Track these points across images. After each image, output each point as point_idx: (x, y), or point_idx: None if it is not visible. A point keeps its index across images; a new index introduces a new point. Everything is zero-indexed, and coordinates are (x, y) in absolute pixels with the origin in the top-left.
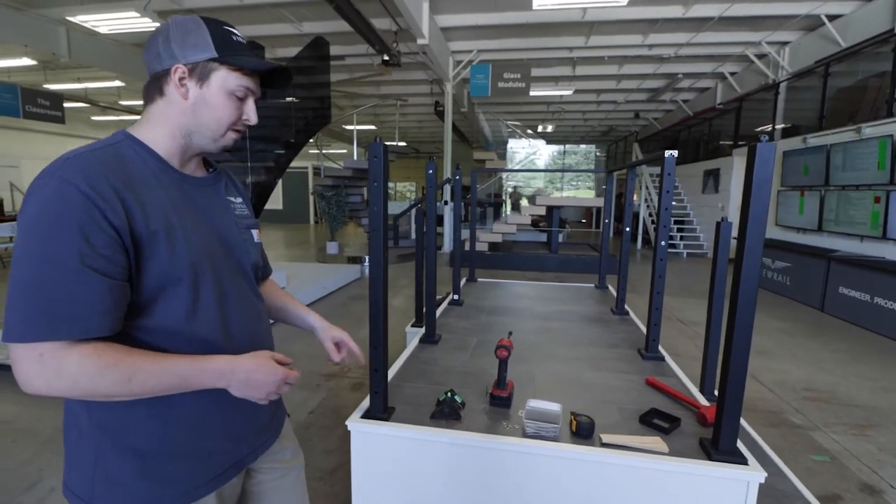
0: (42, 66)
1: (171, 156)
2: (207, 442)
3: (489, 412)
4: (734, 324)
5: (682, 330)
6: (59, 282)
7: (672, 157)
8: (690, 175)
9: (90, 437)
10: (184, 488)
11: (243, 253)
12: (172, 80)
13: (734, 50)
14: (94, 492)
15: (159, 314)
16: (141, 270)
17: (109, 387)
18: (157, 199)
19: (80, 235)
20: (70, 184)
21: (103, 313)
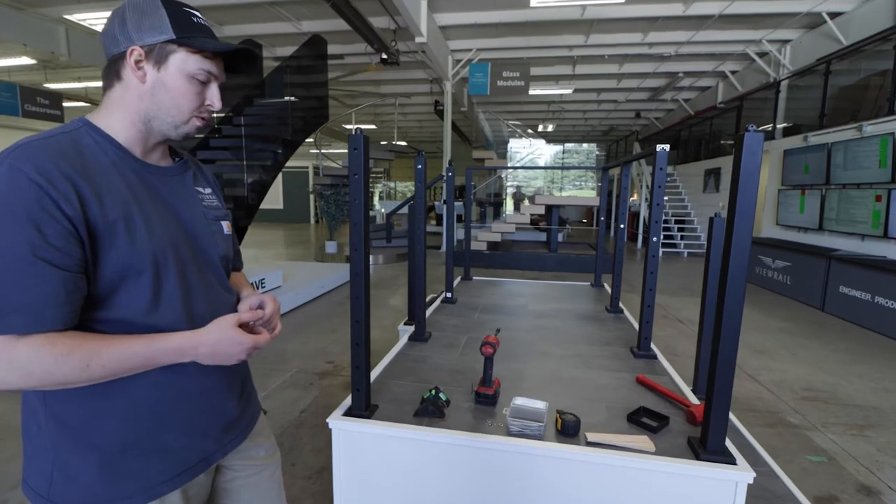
0: (42, 66)
1: (131, 144)
2: (170, 437)
3: (474, 410)
4: (721, 320)
5: (681, 329)
6: (8, 274)
7: (664, 152)
8: (692, 174)
9: (48, 432)
10: (145, 484)
11: (211, 245)
12: (129, 63)
13: (735, 48)
14: (51, 488)
15: (119, 306)
16: (98, 261)
17: (66, 374)
18: (116, 188)
19: (31, 225)
20: (20, 171)
21: (56, 306)
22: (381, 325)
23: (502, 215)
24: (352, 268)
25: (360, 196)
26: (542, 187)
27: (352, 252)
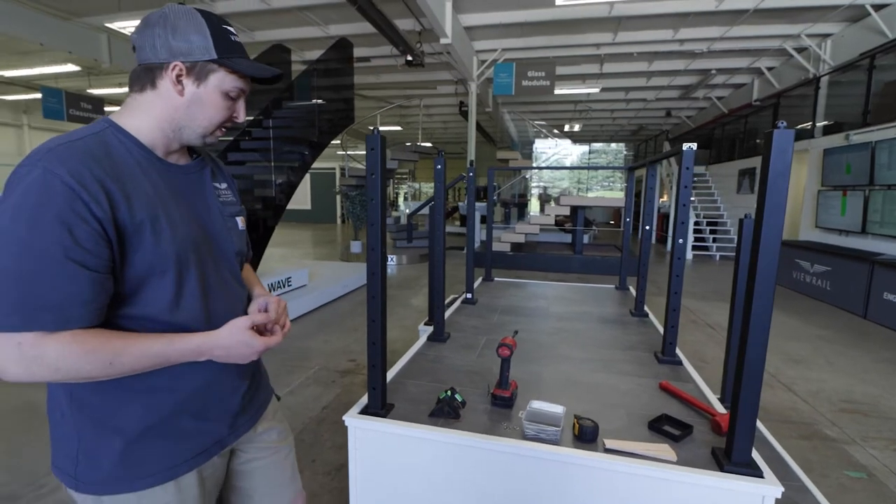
0: (86, 72)
1: (155, 145)
2: (186, 422)
3: (490, 412)
4: (749, 324)
5: (711, 335)
6: (41, 274)
7: (690, 151)
8: (725, 175)
9: (72, 419)
10: (164, 465)
11: (227, 242)
12: (168, 76)
13: (771, 44)
14: (78, 469)
15: (142, 304)
16: (125, 261)
17: (91, 371)
18: (143, 190)
19: (64, 228)
20: (54, 175)
21: (83, 305)
22: (403, 324)
23: (526, 216)
24: (368, 267)
25: (377, 195)
26: (568, 188)
27: (368, 251)
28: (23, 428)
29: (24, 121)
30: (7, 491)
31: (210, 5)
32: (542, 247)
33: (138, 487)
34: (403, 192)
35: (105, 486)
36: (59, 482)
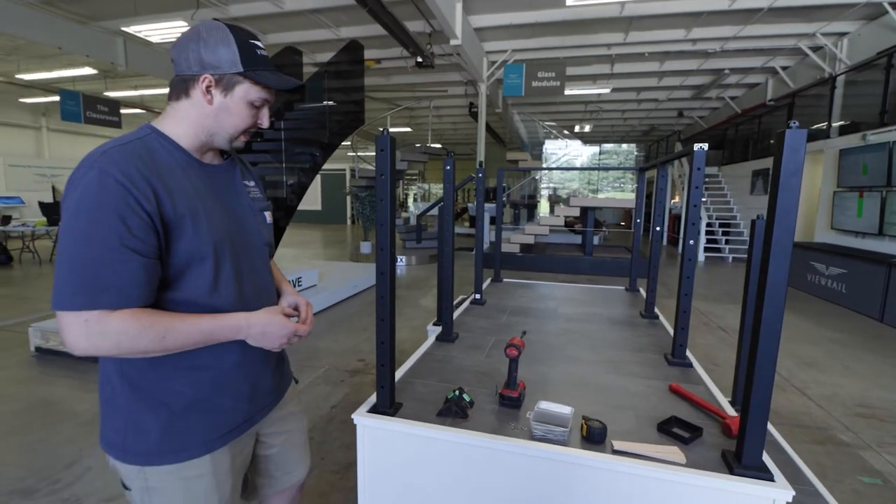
0: (103, 75)
1: (192, 148)
2: (223, 399)
3: (498, 412)
4: (760, 325)
5: (723, 338)
6: (101, 260)
7: (702, 151)
8: (738, 175)
9: (122, 394)
10: (201, 439)
11: (257, 234)
12: (199, 87)
13: (786, 43)
14: (125, 441)
15: (184, 288)
16: (170, 249)
17: (147, 345)
18: (183, 187)
19: (119, 220)
20: (108, 174)
21: (138, 286)
22: (412, 325)
23: (536, 217)
24: (378, 267)
25: (386, 196)
26: (578, 189)
27: (378, 251)
28: (38, 425)
29: (43, 123)
30: (23, 486)
31: (223, 9)
32: (552, 248)
33: (178, 459)
34: (413, 193)
35: (149, 458)
36: (76, 477)
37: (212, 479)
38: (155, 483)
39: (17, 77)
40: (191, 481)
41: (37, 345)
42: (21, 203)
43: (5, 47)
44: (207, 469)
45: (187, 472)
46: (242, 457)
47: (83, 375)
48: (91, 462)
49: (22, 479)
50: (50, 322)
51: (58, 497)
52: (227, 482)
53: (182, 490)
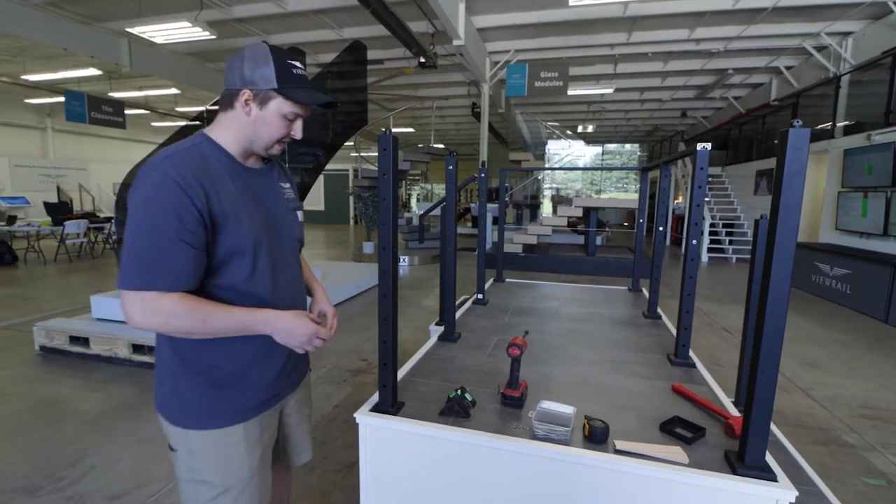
0: (107, 76)
1: (237, 154)
2: (256, 374)
3: (500, 412)
4: (763, 324)
5: (727, 339)
6: (160, 249)
7: (704, 151)
8: (742, 175)
9: (171, 365)
10: (236, 408)
11: (290, 231)
12: (240, 100)
13: (790, 42)
14: (173, 406)
15: (226, 276)
16: (215, 242)
17: (190, 326)
18: (228, 189)
19: (175, 215)
20: (168, 176)
21: (189, 273)
22: (415, 325)
23: (539, 217)
24: (380, 266)
25: (388, 195)
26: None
27: (380, 251)
28: (42, 424)
29: (48, 123)
30: (27, 483)
31: (227, 10)
32: (555, 248)
33: (216, 426)
34: (416, 193)
35: (193, 422)
36: (80, 475)
37: (244, 446)
38: (196, 446)
39: (22, 78)
40: (226, 447)
41: (41, 344)
42: (26, 203)
43: (11, 48)
44: (240, 437)
45: (223, 438)
46: (270, 430)
47: (87, 375)
48: (95, 461)
49: (26, 478)
50: (55, 321)
51: (62, 495)
52: (257, 451)
53: (218, 455)
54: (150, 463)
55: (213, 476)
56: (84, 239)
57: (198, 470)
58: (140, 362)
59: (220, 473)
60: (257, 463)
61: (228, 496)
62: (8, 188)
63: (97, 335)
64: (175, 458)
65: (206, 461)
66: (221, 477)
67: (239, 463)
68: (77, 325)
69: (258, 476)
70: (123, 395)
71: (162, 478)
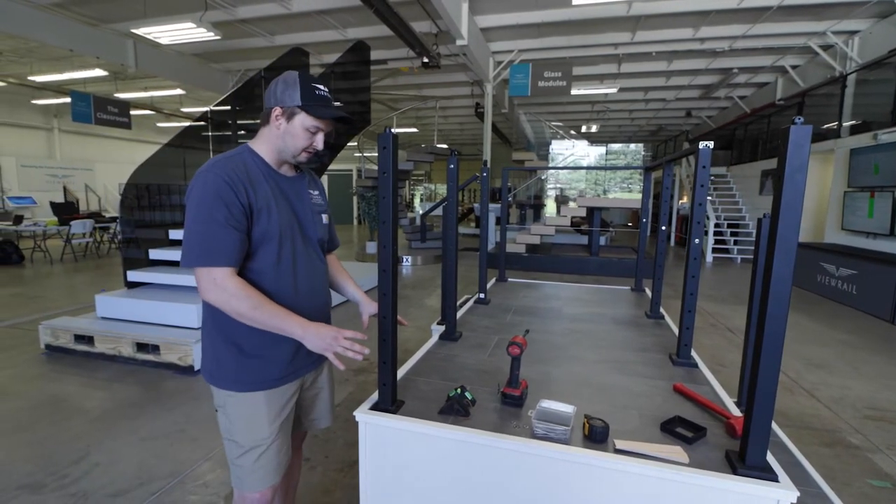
0: (113, 77)
1: (272, 162)
2: (273, 352)
3: (500, 411)
4: (764, 322)
5: (731, 339)
6: (215, 233)
7: (707, 149)
8: (747, 175)
9: (212, 333)
10: (261, 379)
11: (312, 229)
12: (273, 115)
13: (796, 41)
14: (214, 371)
15: (259, 260)
16: (252, 230)
17: (245, 308)
18: (263, 189)
19: (225, 206)
20: (219, 176)
21: (236, 252)
22: (417, 324)
23: (542, 217)
24: (380, 265)
25: (388, 194)
26: (585, 189)
27: (379, 249)
28: (47, 422)
29: (55, 124)
30: (31, 480)
31: (231, 10)
32: (558, 248)
33: (245, 389)
34: (419, 193)
35: (229, 384)
36: (83, 472)
37: (265, 412)
38: (230, 406)
39: (29, 79)
40: (251, 410)
41: (47, 342)
42: (33, 203)
43: (18, 49)
44: (262, 402)
45: (249, 401)
46: (291, 404)
47: (92, 373)
48: (99, 458)
49: (30, 475)
50: (60, 320)
51: (65, 492)
52: (278, 420)
53: (244, 417)
54: (152, 461)
55: (240, 436)
56: (90, 239)
57: (229, 430)
58: (144, 361)
59: (245, 434)
60: (276, 430)
61: (251, 455)
62: (15, 188)
63: (101, 334)
64: (218, 417)
65: (236, 422)
66: (245, 437)
67: (261, 427)
68: (82, 324)
69: (278, 441)
70: (127, 393)
71: (164, 475)
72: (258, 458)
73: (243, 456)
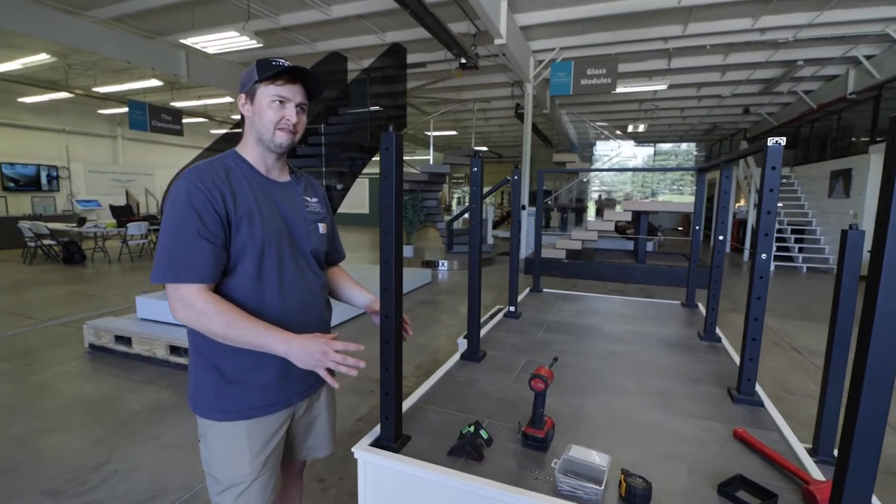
0: (170, 87)
1: (257, 163)
2: (265, 377)
3: (519, 455)
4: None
5: (797, 361)
6: (184, 244)
7: (777, 147)
8: (814, 177)
9: (194, 357)
10: (241, 407)
11: (304, 239)
12: (241, 106)
13: (871, 29)
14: (195, 397)
15: (238, 274)
16: (231, 241)
17: (217, 327)
18: (245, 195)
19: (198, 216)
20: (192, 183)
21: (208, 267)
22: (448, 333)
23: (584, 222)
24: (381, 282)
25: (391, 200)
26: (631, 192)
27: (381, 264)
28: (78, 423)
29: (119, 132)
30: (52, 485)
31: (274, 19)
32: (601, 254)
33: (224, 419)
34: (457, 196)
35: (209, 413)
36: (101, 480)
37: (247, 443)
38: (210, 437)
39: (94, 90)
40: (229, 443)
41: (90, 342)
42: (98, 206)
43: (84, 63)
44: (244, 434)
45: (230, 432)
46: (280, 434)
47: (128, 374)
48: (118, 466)
49: (52, 479)
50: (103, 320)
51: (81, 500)
52: (261, 455)
53: (223, 450)
54: (168, 472)
55: (218, 471)
56: (146, 240)
57: (208, 463)
58: (176, 363)
59: (222, 469)
60: (260, 467)
61: (231, 493)
62: (83, 192)
63: (139, 335)
64: (200, 448)
65: (215, 455)
66: (224, 473)
67: (242, 462)
68: (122, 325)
69: (263, 478)
70: (157, 396)
71: (176, 489)
72: (238, 497)
73: (223, 494)
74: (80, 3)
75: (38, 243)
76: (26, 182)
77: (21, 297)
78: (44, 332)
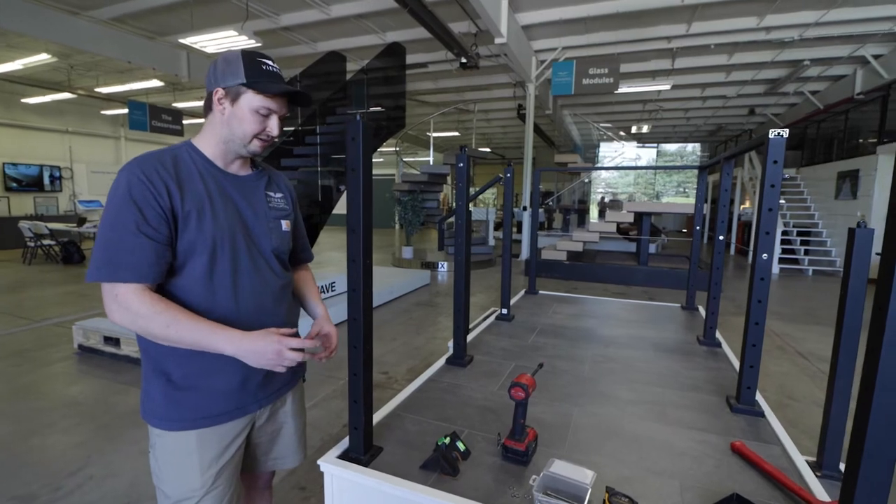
0: (171, 87)
1: (215, 158)
2: (209, 383)
3: (497, 469)
4: (876, 372)
5: (803, 367)
6: (121, 241)
7: (779, 140)
8: (820, 178)
9: (143, 361)
10: (191, 415)
11: (264, 237)
12: (214, 99)
13: (879, 27)
14: (144, 403)
15: (186, 275)
16: (177, 239)
17: (155, 328)
18: (196, 189)
19: (138, 210)
20: (133, 174)
21: (149, 265)
22: (443, 336)
23: (586, 223)
24: (349, 282)
25: (358, 194)
26: (634, 193)
27: (349, 263)
28: (60, 426)
29: (121, 133)
30: (27, 491)
31: (274, 19)
32: (603, 256)
33: (172, 428)
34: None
35: (157, 421)
36: (76, 486)
37: (197, 458)
38: (159, 447)
39: (96, 91)
40: (179, 455)
41: (79, 342)
42: (100, 206)
43: (86, 63)
44: (194, 445)
45: (178, 442)
46: (236, 444)
47: (115, 376)
48: (94, 470)
49: (27, 484)
50: (91, 321)
51: None
52: (213, 468)
53: (171, 462)
54: (146, 478)
55: (167, 485)
56: None
57: (157, 475)
58: None
59: (172, 483)
60: (212, 480)
61: None
62: (85, 192)
63: (127, 336)
64: (150, 459)
65: (163, 466)
66: (172, 487)
67: (191, 475)
68: (110, 325)
69: (216, 493)
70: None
71: (152, 497)
72: None
73: None
74: (81, 3)
75: (37, 243)
76: (29, 182)
77: (17, 296)
78: (36, 333)
